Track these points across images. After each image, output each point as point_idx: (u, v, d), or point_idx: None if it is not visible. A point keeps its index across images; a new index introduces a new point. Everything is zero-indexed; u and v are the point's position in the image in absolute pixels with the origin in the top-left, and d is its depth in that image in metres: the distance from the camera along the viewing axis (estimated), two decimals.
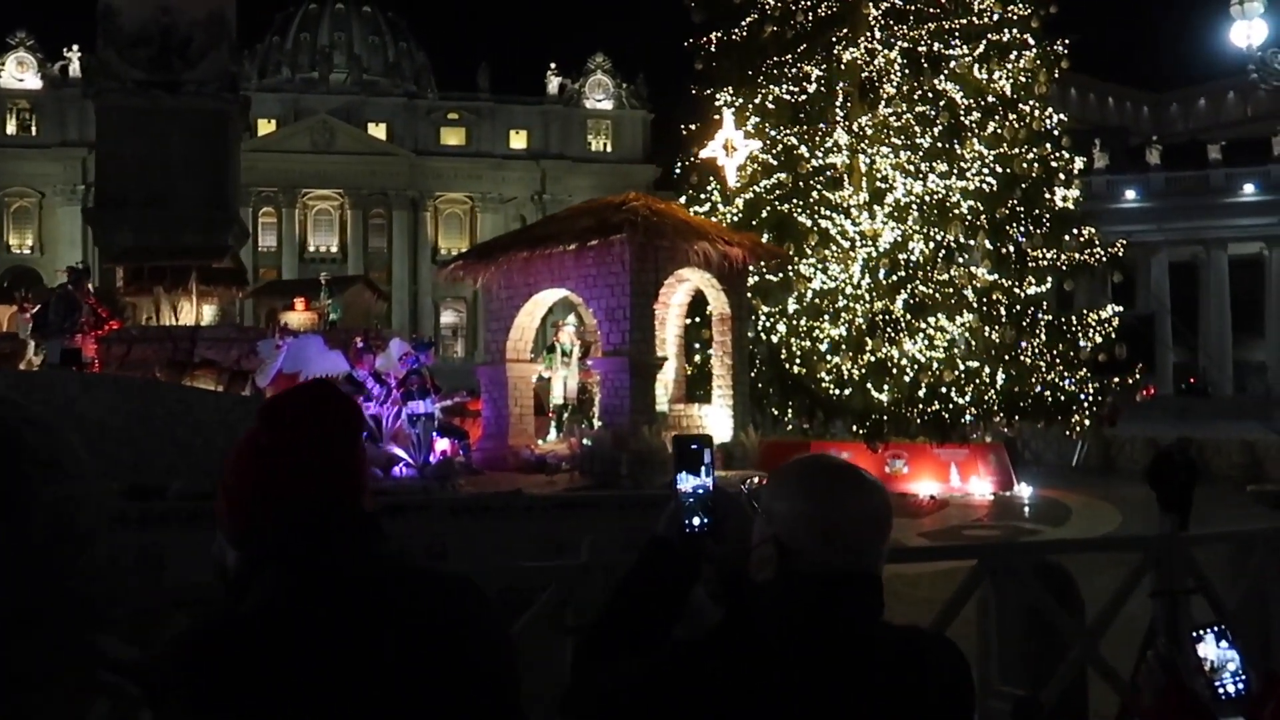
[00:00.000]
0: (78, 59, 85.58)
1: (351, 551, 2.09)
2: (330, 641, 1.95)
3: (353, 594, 2.03)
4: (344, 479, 2.16)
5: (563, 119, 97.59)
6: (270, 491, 2.11)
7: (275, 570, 2.05)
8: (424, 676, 2.00)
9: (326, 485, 2.12)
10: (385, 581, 2.07)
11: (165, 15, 26.50)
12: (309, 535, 2.07)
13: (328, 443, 2.15)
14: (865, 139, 28.77)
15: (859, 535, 2.04)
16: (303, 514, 2.09)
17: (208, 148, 26.35)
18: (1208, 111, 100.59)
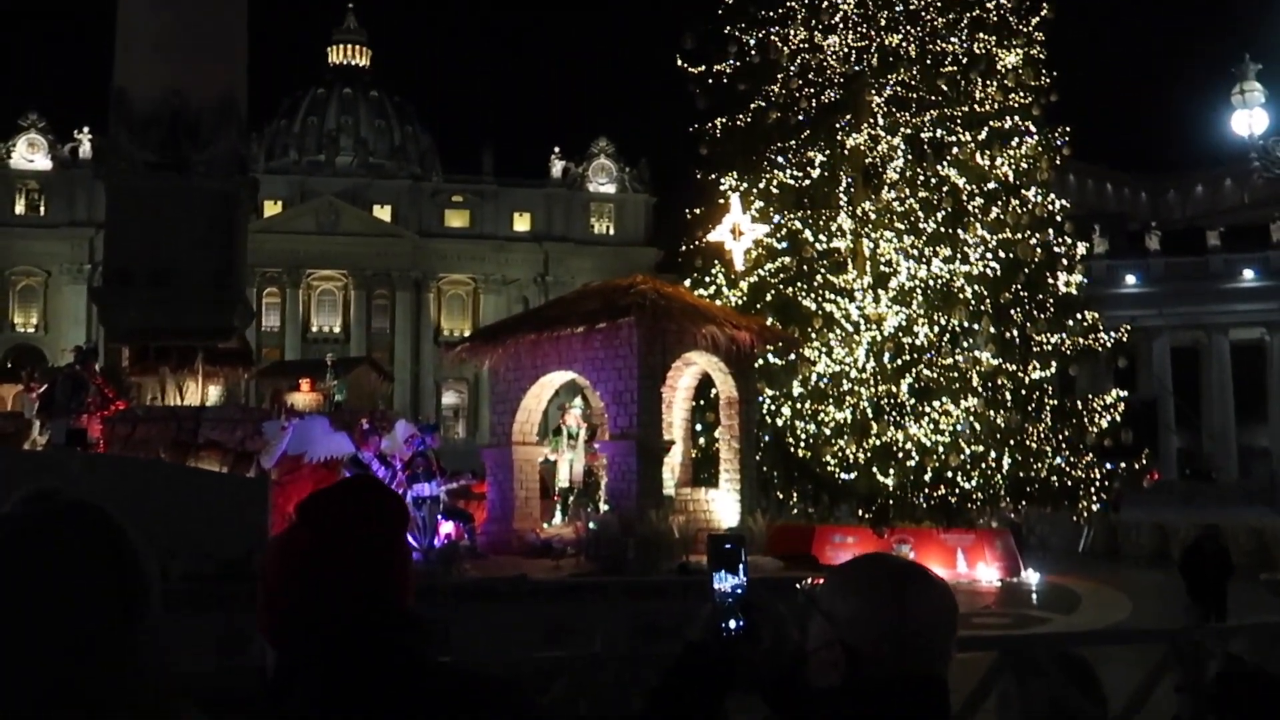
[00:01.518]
0: (88, 140, 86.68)
1: (394, 654, 2.03)
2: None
3: (396, 698, 1.97)
4: (386, 579, 2.10)
5: (566, 202, 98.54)
6: (311, 592, 2.05)
7: (317, 673, 1.99)
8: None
9: (369, 586, 2.07)
10: (428, 685, 2.01)
11: (176, 98, 26.83)
12: (351, 637, 2.01)
13: (370, 542, 2.10)
14: (869, 223, 28.98)
15: (931, 637, 1.98)
16: (344, 615, 2.03)
17: (215, 228, 26.53)
18: (1205, 198, 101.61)
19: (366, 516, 2.12)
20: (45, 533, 1.71)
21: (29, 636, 1.63)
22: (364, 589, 2.05)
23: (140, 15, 27.14)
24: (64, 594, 1.67)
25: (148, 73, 26.75)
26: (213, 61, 26.93)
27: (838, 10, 29.86)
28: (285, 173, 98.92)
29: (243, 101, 28.35)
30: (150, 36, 26.92)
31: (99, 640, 1.66)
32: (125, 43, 27.57)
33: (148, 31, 26.96)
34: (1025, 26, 30.17)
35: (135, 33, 27.28)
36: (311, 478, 18.65)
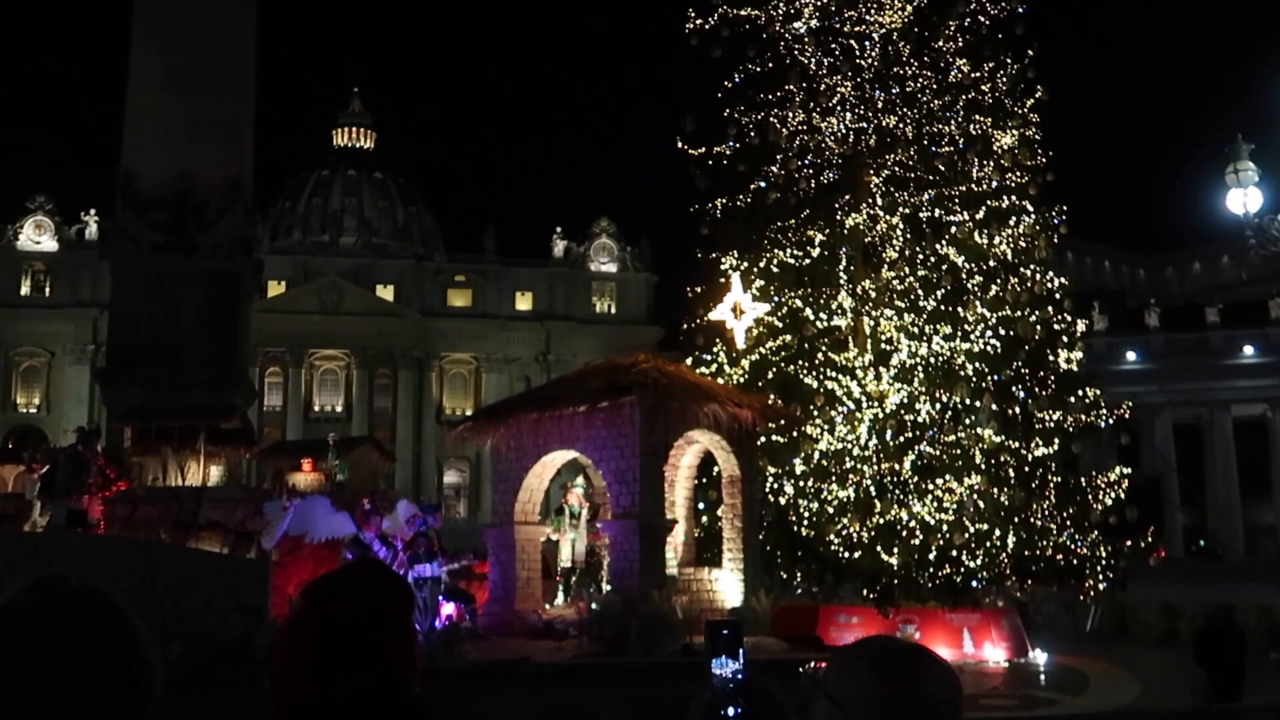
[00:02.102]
0: (95, 222, 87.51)
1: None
2: None
3: None
4: (394, 665, 2.11)
5: (568, 281, 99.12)
6: (318, 677, 2.06)
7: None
8: None
9: (377, 672, 2.08)
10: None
11: (183, 180, 27.17)
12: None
13: (377, 627, 2.11)
14: (869, 302, 29.12)
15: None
16: (352, 700, 2.03)
17: (220, 309, 26.70)
18: (1203, 275, 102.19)
19: (372, 602, 2.13)
20: (51, 621, 1.74)
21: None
22: (372, 675, 2.06)
23: (149, 99, 27.58)
24: (69, 681, 1.69)
25: (156, 155, 27.11)
26: (220, 145, 27.31)
27: (835, 93, 30.31)
28: (289, 253, 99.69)
29: (249, 183, 28.68)
30: (159, 120, 27.32)
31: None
32: (134, 126, 27.98)
33: (156, 115, 27.38)
34: (1020, 108, 30.60)
35: (144, 116, 27.70)
36: (312, 558, 18.57)
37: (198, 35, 27.70)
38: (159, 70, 27.83)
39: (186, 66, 27.49)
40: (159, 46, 27.91)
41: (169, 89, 27.58)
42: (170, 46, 27.71)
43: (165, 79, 27.68)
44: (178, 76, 27.52)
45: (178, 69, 27.56)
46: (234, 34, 28.52)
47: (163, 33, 27.91)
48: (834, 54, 30.63)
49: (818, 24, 30.97)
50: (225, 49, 28.32)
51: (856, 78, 30.32)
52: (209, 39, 27.82)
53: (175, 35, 27.77)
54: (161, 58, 27.84)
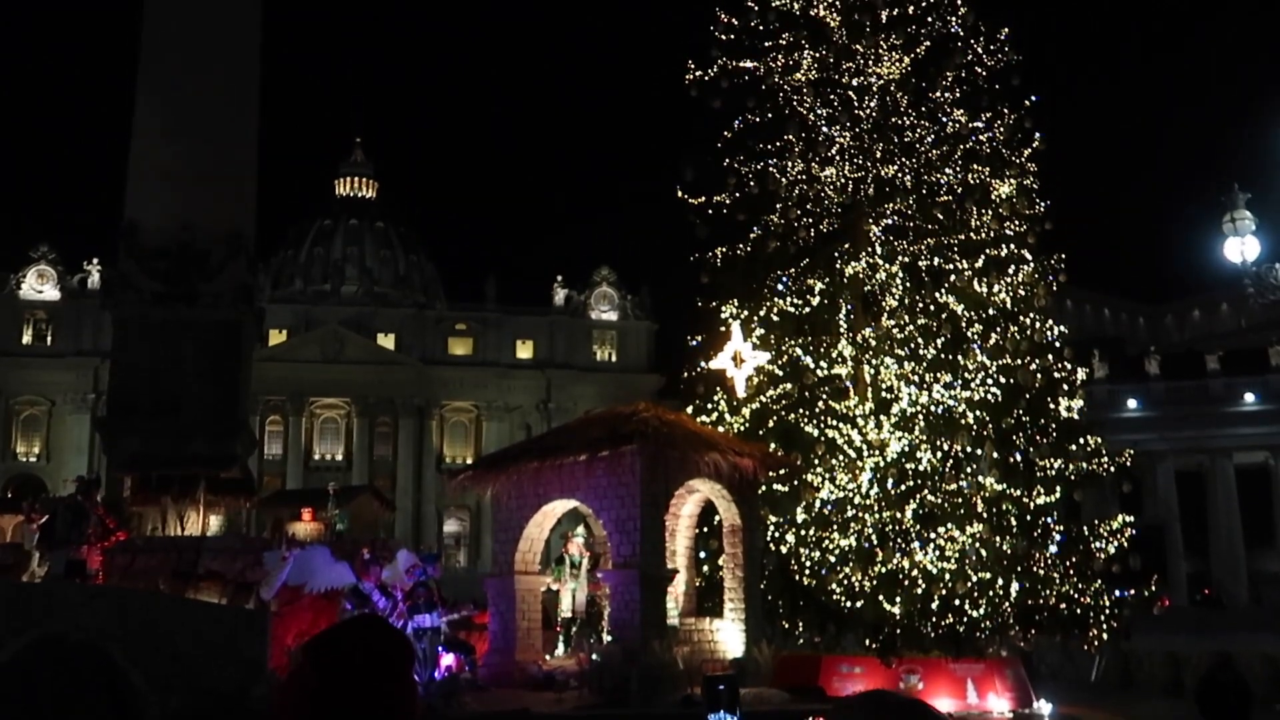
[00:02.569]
0: (97, 271, 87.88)
1: None
2: None
3: None
4: (394, 717, 2.11)
5: (568, 329, 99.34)
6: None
7: None
8: None
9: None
10: None
11: (186, 230, 27.31)
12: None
13: (376, 683, 2.11)
14: (869, 350, 29.12)
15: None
16: None
17: (221, 358, 26.75)
18: (1203, 322, 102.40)
19: (372, 657, 2.14)
20: (49, 680, 1.74)
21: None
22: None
23: (153, 149, 27.80)
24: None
25: (158, 205, 27.28)
26: (222, 195, 27.49)
27: (834, 143, 30.52)
28: (291, 302, 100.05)
29: (251, 233, 28.82)
30: (162, 170, 27.52)
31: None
32: (137, 176, 28.17)
33: (160, 165, 27.58)
34: (1018, 158, 30.78)
35: (147, 166, 27.90)
36: (311, 608, 18.47)
37: (202, 86, 27.97)
38: (163, 120, 28.07)
39: (190, 116, 27.74)
40: (163, 97, 28.17)
41: (173, 139, 27.81)
42: (174, 97, 27.97)
43: (169, 129, 27.91)
44: (181, 126, 27.75)
45: (182, 119, 27.80)
46: (238, 85, 28.80)
47: (167, 83, 28.18)
48: (833, 105, 30.88)
49: (816, 75, 31.25)
50: (229, 99, 28.59)
51: (855, 128, 30.54)
52: (213, 90, 28.08)
53: (179, 86, 28.04)
54: (165, 108, 28.09)
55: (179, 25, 27.76)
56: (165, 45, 27.96)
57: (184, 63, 27.82)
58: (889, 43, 30.96)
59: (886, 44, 30.96)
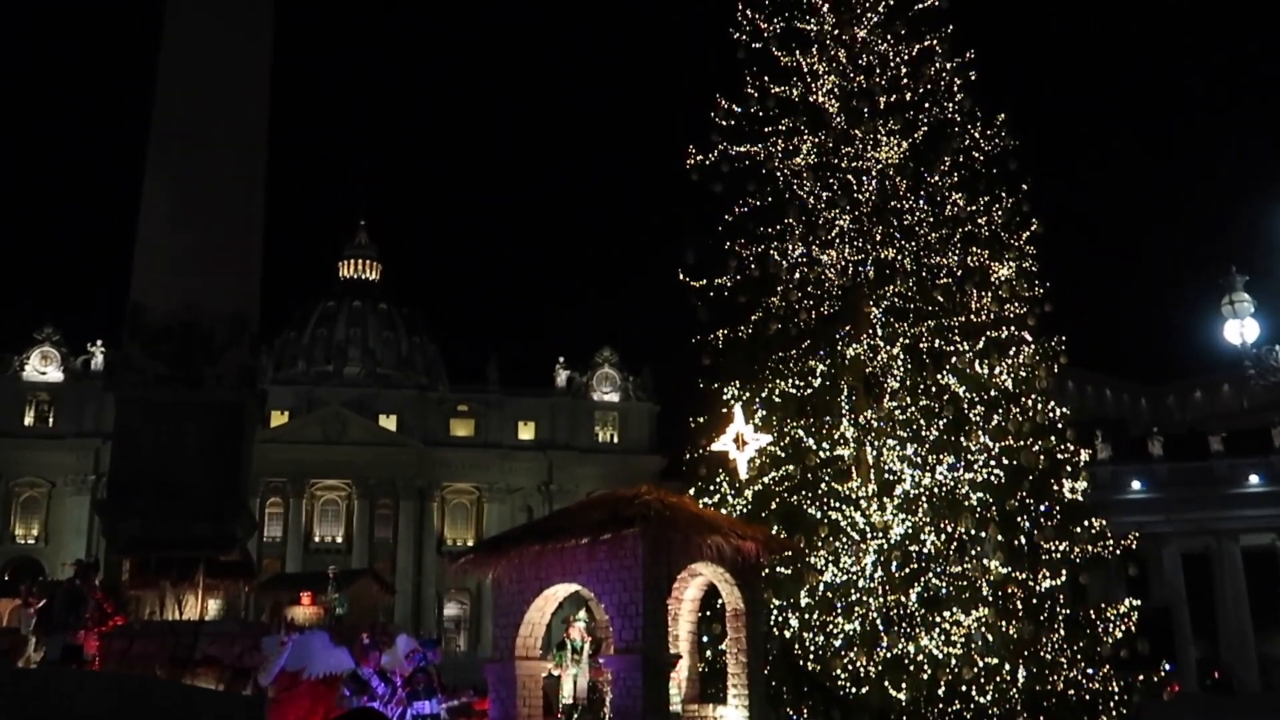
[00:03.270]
0: (101, 353, 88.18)
1: None
2: None
3: None
4: None
5: (570, 411, 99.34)
6: None
7: None
8: None
9: None
10: None
11: (190, 312, 27.44)
12: None
13: None
14: (872, 432, 29.11)
15: None
16: None
17: (223, 440, 26.72)
18: (1205, 403, 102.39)
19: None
20: None
21: None
22: None
23: (159, 233, 28.04)
24: None
25: (164, 288, 27.46)
26: (227, 278, 27.69)
27: (834, 226, 30.81)
28: (293, 383, 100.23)
29: (255, 315, 28.96)
30: (168, 253, 27.74)
31: None
32: (143, 258, 28.38)
33: (166, 248, 27.81)
34: (1016, 241, 31.06)
35: (153, 249, 28.12)
36: (310, 694, 18.23)
37: (209, 170, 28.32)
38: (170, 204, 28.35)
39: (197, 200, 28.03)
40: (171, 181, 28.48)
41: (179, 222, 28.06)
42: (182, 181, 28.29)
43: (175, 213, 28.18)
44: (188, 210, 28.03)
45: (188, 203, 28.08)
46: (245, 170, 29.16)
47: (175, 168, 28.52)
48: (833, 189, 31.24)
49: (816, 160, 31.66)
50: (236, 184, 28.92)
51: (855, 211, 30.86)
52: (220, 174, 28.43)
53: (187, 170, 28.38)
54: (173, 192, 28.38)
55: (188, 112, 28.21)
56: (174, 132, 28.39)
57: (193, 149, 28.20)
58: (887, 128, 31.40)
59: (885, 129, 31.41)
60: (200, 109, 28.38)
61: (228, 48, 28.54)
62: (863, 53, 32.41)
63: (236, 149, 28.71)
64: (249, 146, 29.35)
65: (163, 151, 28.65)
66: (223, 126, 28.35)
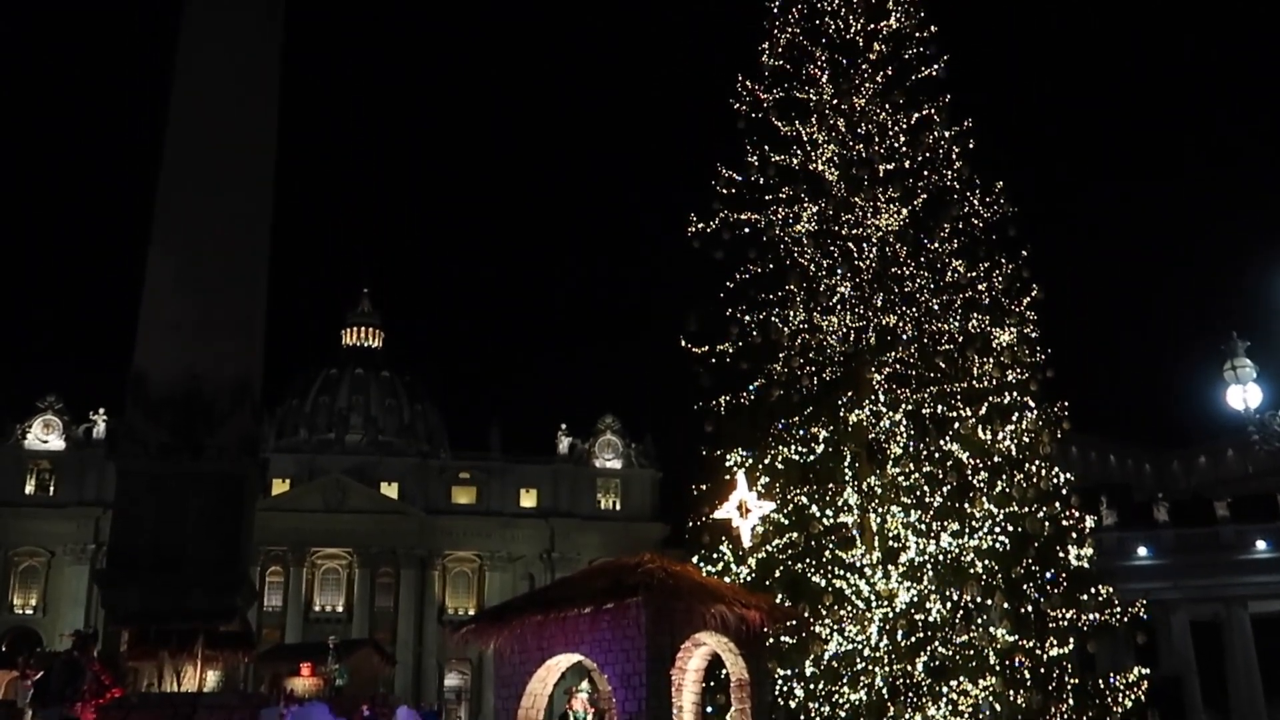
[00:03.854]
0: (103, 421, 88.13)
1: None
2: None
3: None
4: None
5: (572, 478, 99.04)
6: None
7: None
8: None
9: None
10: None
11: (193, 380, 27.43)
12: None
13: None
14: (875, 498, 28.99)
15: None
16: None
17: (224, 509, 26.59)
18: (1209, 468, 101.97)
19: None
20: None
21: None
22: None
23: (163, 301, 28.13)
24: None
25: (167, 356, 27.47)
26: (231, 346, 27.73)
27: (835, 293, 30.95)
28: (295, 451, 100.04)
29: (258, 383, 28.96)
30: (172, 322, 27.80)
31: None
32: (147, 326, 28.44)
33: (169, 316, 27.87)
34: (1017, 307, 31.17)
35: (157, 317, 28.18)
36: None
37: (214, 239, 28.47)
38: (174, 272, 28.46)
39: (202, 269, 28.15)
40: (176, 250, 28.62)
41: (183, 290, 28.16)
42: (187, 250, 28.42)
43: (180, 281, 28.28)
44: (193, 278, 28.13)
45: (193, 271, 28.20)
46: (249, 238, 29.33)
47: (180, 237, 28.67)
48: (833, 255, 31.43)
49: (816, 227, 31.89)
50: (241, 252, 29.06)
51: (856, 278, 31.02)
52: (225, 243, 28.58)
53: (192, 239, 28.53)
54: (177, 260, 28.51)
55: (194, 182, 28.45)
56: (180, 202, 28.61)
57: (198, 218, 28.40)
58: (887, 196, 31.66)
59: (884, 197, 31.66)
60: (206, 180, 28.62)
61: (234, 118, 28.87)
62: (861, 122, 32.76)
63: (242, 218, 28.91)
64: (254, 216, 29.56)
65: (168, 221, 28.84)
66: (228, 196, 28.57)
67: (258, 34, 29.50)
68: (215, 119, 28.65)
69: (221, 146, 28.58)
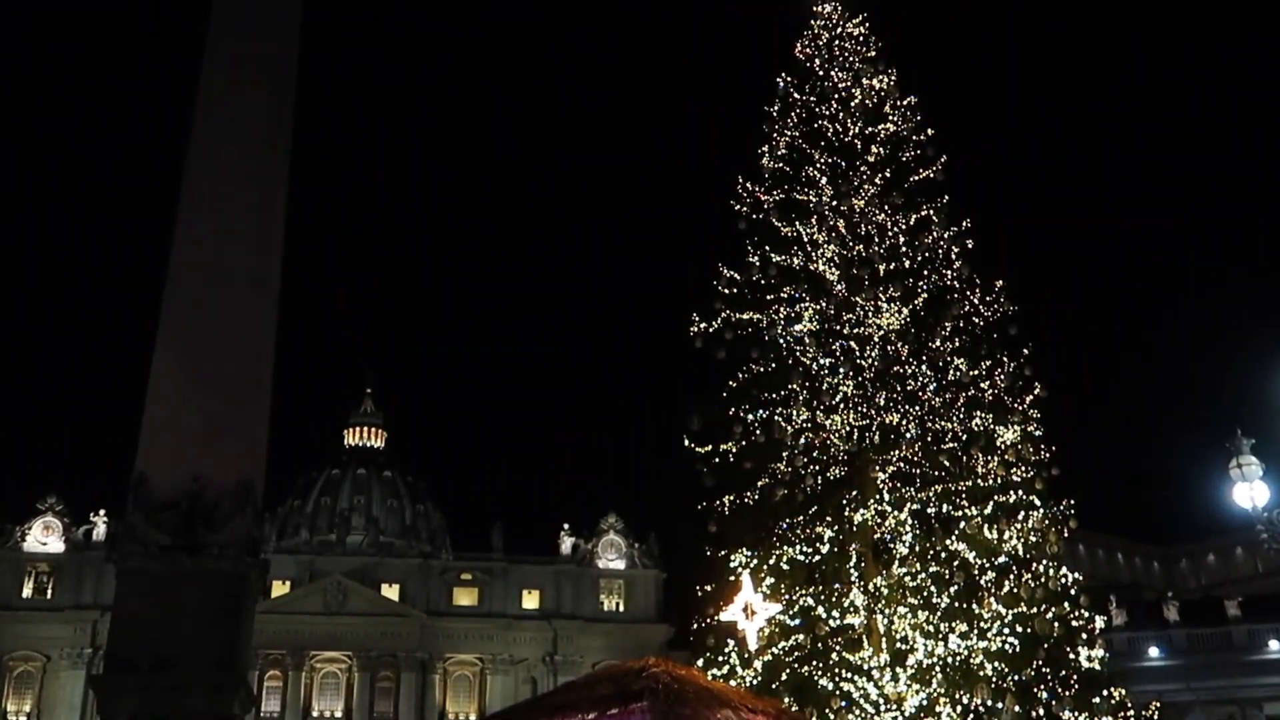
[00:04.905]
0: (104, 523, 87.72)
1: None
2: None
3: None
4: None
5: (575, 579, 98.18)
6: None
7: None
8: None
9: None
10: None
11: (195, 483, 27.25)
12: None
13: None
14: (882, 599, 28.70)
15: None
16: None
17: (223, 612, 26.23)
18: (1219, 567, 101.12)
19: None
20: None
21: None
22: None
23: (167, 404, 28.11)
24: None
25: (170, 458, 27.35)
26: (234, 448, 27.61)
27: (838, 392, 31.00)
28: (295, 552, 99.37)
29: (260, 485, 28.81)
30: (175, 424, 27.73)
31: None
32: (150, 429, 28.38)
33: (173, 419, 27.81)
34: (1020, 405, 31.21)
35: (161, 420, 28.13)
36: None
37: (220, 343, 28.57)
38: (179, 376, 28.50)
39: (207, 373, 28.18)
40: (181, 354, 28.71)
41: (188, 394, 28.16)
42: (192, 354, 28.50)
43: (185, 385, 28.31)
44: (197, 382, 28.16)
45: (198, 375, 28.23)
46: (255, 342, 29.43)
47: (186, 341, 28.78)
48: (835, 354, 31.57)
49: (818, 326, 32.09)
50: (247, 356, 29.12)
51: (858, 377, 31.11)
52: (231, 346, 28.67)
53: (198, 343, 28.63)
54: (183, 364, 28.57)
55: (201, 285, 28.66)
56: (186, 305, 28.78)
57: (204, 322, 28.52)
58: (888, 295, 31.90)
59: (885, 296, 31.91)
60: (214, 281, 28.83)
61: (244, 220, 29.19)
62: (861, 222, 33.18)
63: (248, 321, 29.05)
64: (261, 318, 29.73)
65: (175, 324, 28.99)
66: (236, 299, 28.75)
67: (267, 134, 29.96)
68: (222, 228, 28.95)
69: (230, 249, 28.85)
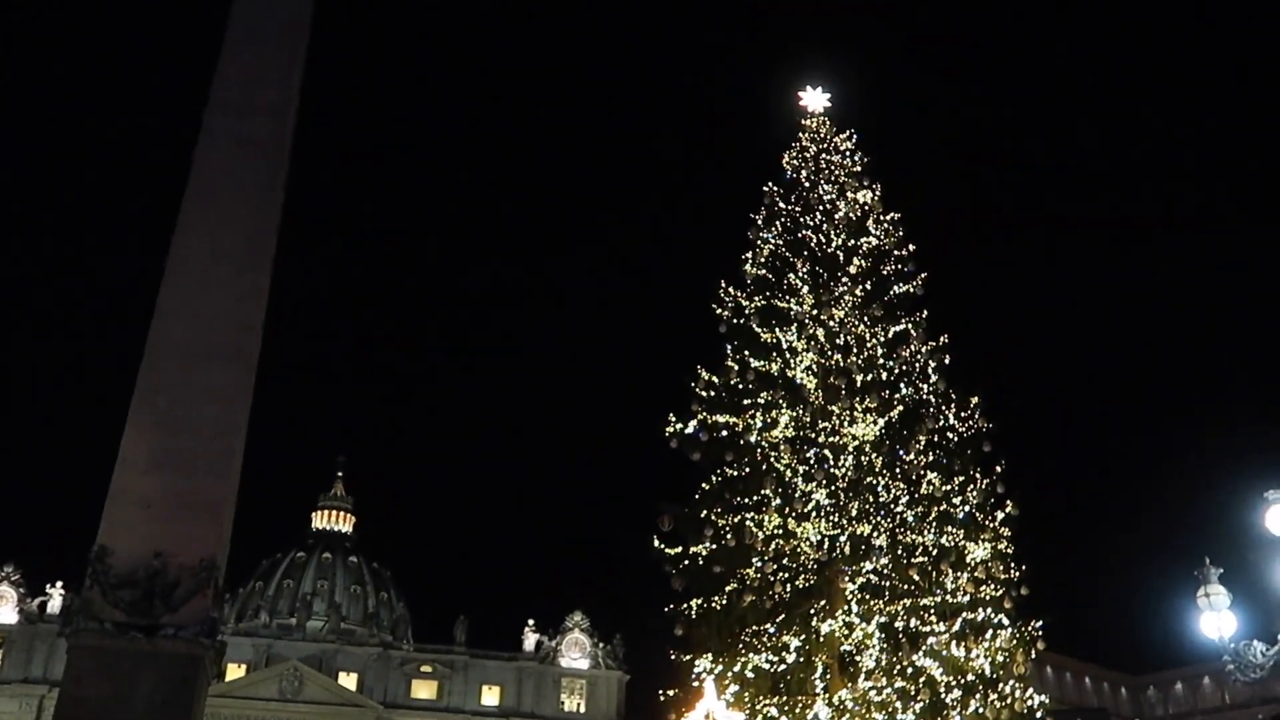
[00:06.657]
0: (60, 595, 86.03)
1: None
2: None
3: None
4: None
5: (537, 677, 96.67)
6: None
7: None
8: None
9: None
10: None
11: (157, 559, 26.81)
12: None
13: None
14: (847, 713, 28.35)
15: None
16: None
17: (177, 694, 25.58)
18: (1186, 696, 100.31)
19: None
20: None
21: None
22: None
23: (134, 478, 27.75)
24: None
25: (133, 533, 26.91)
26: (200, 526, 27.22)
27: (810, 500, 31.01)
28: (254, 635, 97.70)
29: (223, 565, 28.37)
30: (142, 499, 27.35)
31: None
32: (115, 503, 27.96)
33: (139, 494, 27.43)
34: (991, 522, 31.26)
35: (127, 494, 27.73)
36: None
37: (193, 419, 28.36)
38: (148, 451, 28.19)
39: (177, 449, 27.90)
40: (151, 429, 28.44)
41: (156, 469, 27.82)
42: (163, 429, 28.24)
43: (153, 459, 27.98)
44: (166, 458, 27.84)
45: (167, 451, 27.93)
46: (229, 420, 29.24)
47: (158, 416, 28.57)
48: (809, 463, 31.64)
49: (794, 433, 32.19)
50: (219, 433, 28.90)
51: (831, 486, 31.14)
52: (204, 423, 28.46)
53: (169, 418, 28.40)
54: (152, 439, 28.29)
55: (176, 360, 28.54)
56: (161, 382, 28.63)
57: (176, 398, 28.36)
58: (864, 405, 32.09)
59: (861, 407, 32.09)
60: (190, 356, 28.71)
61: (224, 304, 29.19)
62: (840, 333, 33.50)
63: (222, 399, 28.90)
64: (235, 396, 29.57)
65: (147, 400, 28.78)
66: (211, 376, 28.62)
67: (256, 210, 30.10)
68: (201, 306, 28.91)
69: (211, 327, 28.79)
